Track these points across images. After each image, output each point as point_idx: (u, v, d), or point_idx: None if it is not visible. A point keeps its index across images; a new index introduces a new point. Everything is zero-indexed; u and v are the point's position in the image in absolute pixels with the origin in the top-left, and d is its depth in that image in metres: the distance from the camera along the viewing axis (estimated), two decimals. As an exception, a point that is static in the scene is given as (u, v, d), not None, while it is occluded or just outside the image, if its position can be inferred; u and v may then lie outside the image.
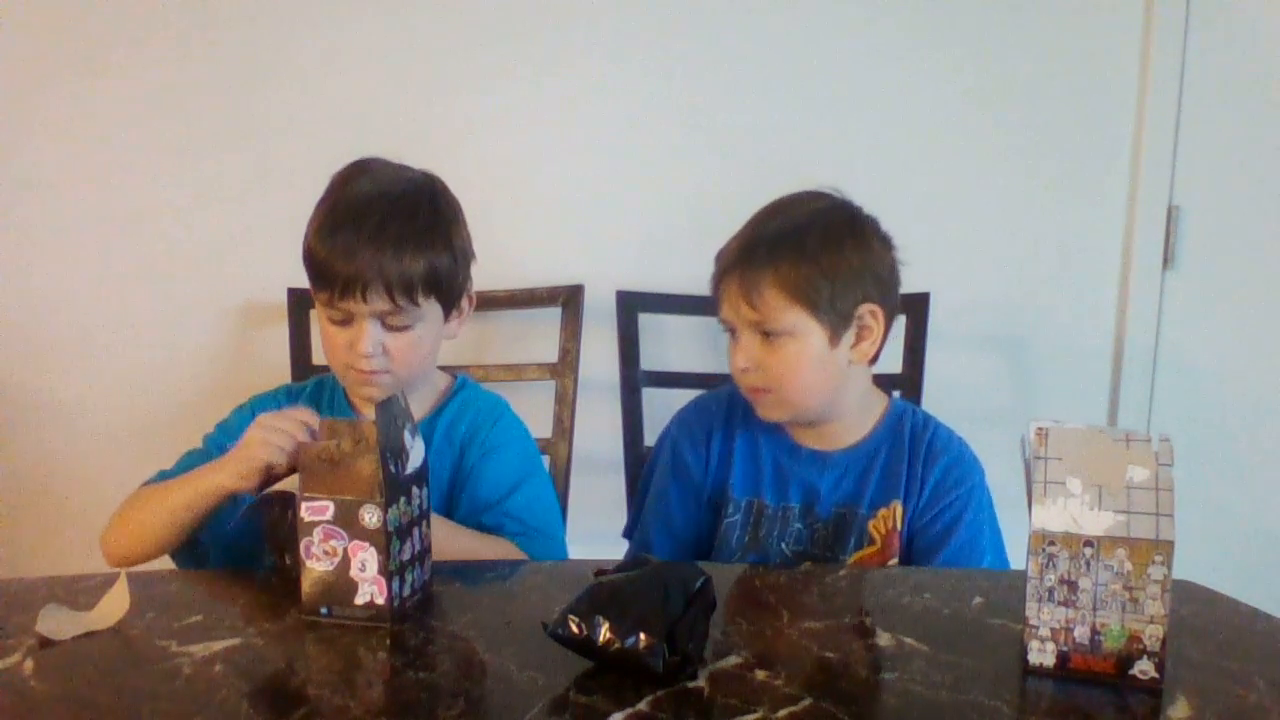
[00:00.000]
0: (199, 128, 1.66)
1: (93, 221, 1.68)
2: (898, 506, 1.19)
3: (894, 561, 1.18)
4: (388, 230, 1.10)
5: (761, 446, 1.24)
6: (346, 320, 1.13)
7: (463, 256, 1.18)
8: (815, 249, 1.12)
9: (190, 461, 1.18)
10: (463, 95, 1.66)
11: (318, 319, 1.19)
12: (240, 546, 1.15)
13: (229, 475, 1.02)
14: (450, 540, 1.08)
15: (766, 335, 1.13)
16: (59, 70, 1.65)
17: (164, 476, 1.17)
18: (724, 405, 1.29)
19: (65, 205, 1.68)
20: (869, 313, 1.15)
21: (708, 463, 1.26)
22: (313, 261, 1.12)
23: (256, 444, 1.00)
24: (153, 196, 1.67)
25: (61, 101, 1.66)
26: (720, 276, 1.16)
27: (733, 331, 1.17)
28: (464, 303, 1.22)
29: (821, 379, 1.16)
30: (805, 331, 1.13)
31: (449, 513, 1.19)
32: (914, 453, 1.20)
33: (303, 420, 1.01)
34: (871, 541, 1.18)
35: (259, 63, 1.64)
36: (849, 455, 1.21)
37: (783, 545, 1.20)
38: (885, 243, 1.18)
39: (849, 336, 1.15)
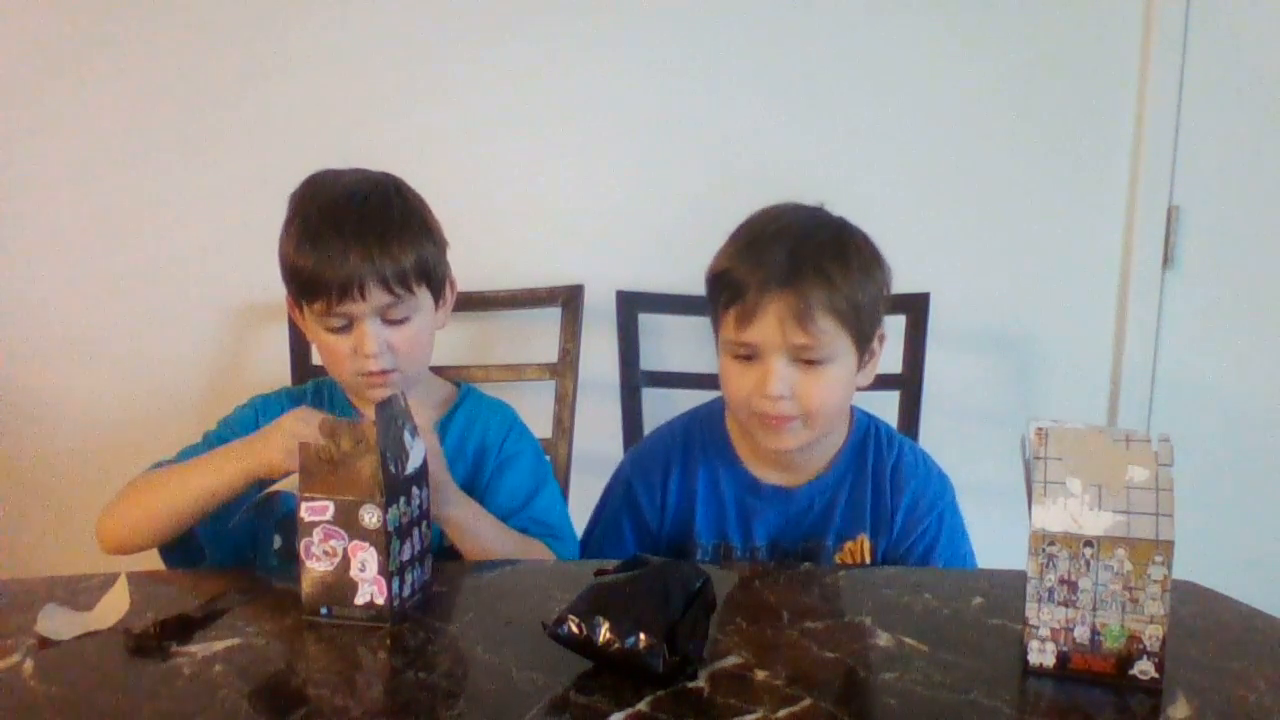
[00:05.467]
0: (198, 128, 1.66)
1: (92, 222, 1.69)
2: (864, 540, 1.16)
3: None
4: (370, 226, 1.10)
5: (723, 485, 1.20)
6: (346, 326, 1.13)
7: (441, 243, 1.20)
8: (858, 271, 1.06)
9: (190, 456, 1.18)
10: (463, 96, 1.66)
11: (313, 333, 1.18)
12: (239, 545, 1.15)
13: (279, 451, 1.00)
14: (496, 538, 1.12)
15: (808, 362, 1.06)
16: (58, 71, 1.65)
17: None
18: (680, 442, 1.24)
19: (64, 206, 1.68)
20: (878, 338, 1.13)
21: (663, 506, 1.22)
22: (299, 275, 1.11)
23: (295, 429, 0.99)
24: (152, 197, 1.68)
25: (60, 102, 1.66)
26: (757, 296, 1.04)
27: (749, 357, 1.08)
28: (447, 290, 1.23)
29: (845, 404, 1.13)
30: (844, 356, 1.07)
31: None
32: (878, 482, 1.17)
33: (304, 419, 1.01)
34: None
35: (258, 63, 1.64)
36: (813, 488, 1.17)
37: None
38: (885, 262, 1.14)
39: (866, 360, 1.12)
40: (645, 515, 1.23)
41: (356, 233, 1.10)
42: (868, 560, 1.16)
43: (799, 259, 1.04)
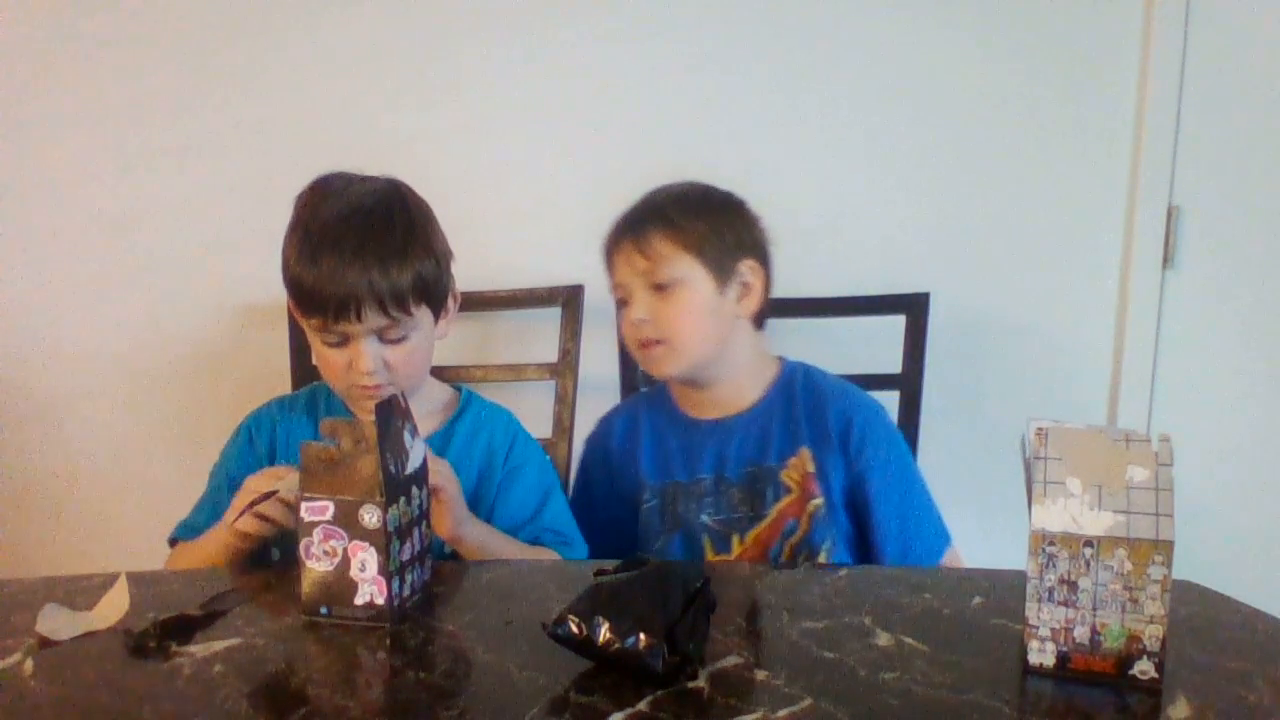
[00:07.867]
0: (198, 129, 1.66)
1: (92, 223, 1.69)
2: (805, 453, 1.25)
3: (816, 502, 1.23)
4: (369, 247, 1.09)
5: (666, 431, 1.32)
6: (342, 342, 1.13)
7: (444, 258, 1.19)
8: (697, 206, 1.24)
9: (201, 508, 1.22)
10: (463, 96, 1.66)
11: (311, 341, 1.19)
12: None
13: (229, 536, 1.07)
14: (510, 554, 1.15)
15: (659, 288, 1.21)
16: (58, 70, 1.65)
17: (186, 528, 1.20)
18: (621, 411, 1.40)
19: (63, 207, 1.68)
20: (749, 269, 1.25)
21: (609, 463, 1.35)
22: (299, 289, 1.11)
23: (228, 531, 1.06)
24: (152, 198, 1.68)
25: (60, 101, 1.66)
26: (612, 245, 1.25)
27: (624, 301, 1.25)
28: (449, 302, 1.23)
29: (711, 327, 1.23)
30: (694, 279, 1.21)
31: None
32: (808, 402, 1.28)
33: (275, 476, 1.03)
34: (788, 490, 1.24)
35: (257, 64, 1.64)
36: (747, 417, 1.28)
37: (703, 517, 1.25)
38: (754, 215, 1.28)
39: (733, 289, 1.23)
40: (595, 486, 1.36)
41: (356, 254, 1.08)
42: (811, 470, 1.24)
43: (638, 209, 1.25)
